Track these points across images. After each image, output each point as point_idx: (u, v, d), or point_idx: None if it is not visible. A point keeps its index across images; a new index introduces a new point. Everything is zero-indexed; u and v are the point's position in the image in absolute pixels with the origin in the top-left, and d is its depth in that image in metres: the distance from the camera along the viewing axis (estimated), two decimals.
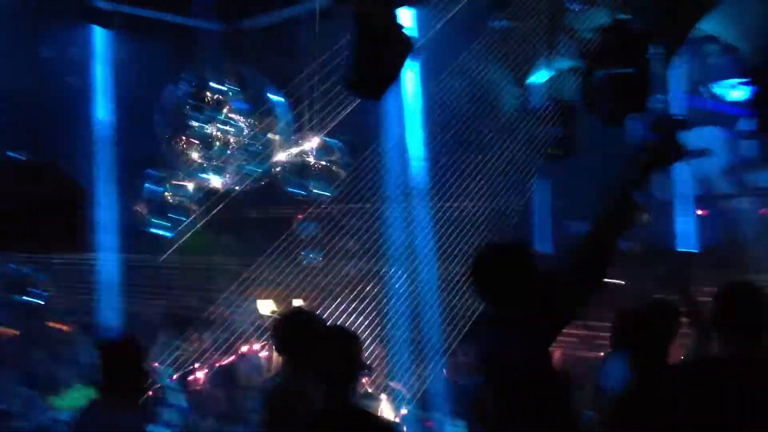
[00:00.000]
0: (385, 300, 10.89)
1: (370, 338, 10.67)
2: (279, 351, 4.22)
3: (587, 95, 5.38)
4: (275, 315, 7.94)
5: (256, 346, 10.71)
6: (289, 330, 4.15)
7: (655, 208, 11.18)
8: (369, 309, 11.37)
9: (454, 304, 10.27)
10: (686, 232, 11.20)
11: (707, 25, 9.03)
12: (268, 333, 4.16)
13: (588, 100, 5.37)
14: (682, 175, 11.29)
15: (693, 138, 10.06)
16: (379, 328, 11.00)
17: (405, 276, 11.24)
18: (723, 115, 10.46)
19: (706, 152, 10.95)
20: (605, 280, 3.34)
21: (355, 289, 12.09)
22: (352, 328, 4.52)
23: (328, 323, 4.44)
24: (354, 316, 11.40)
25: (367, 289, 11.77)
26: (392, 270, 10.79)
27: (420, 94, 10.99)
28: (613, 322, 4.57)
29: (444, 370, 9.74)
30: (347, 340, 3.73)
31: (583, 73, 5.39)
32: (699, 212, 11.02)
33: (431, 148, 10.88)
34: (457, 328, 10.70)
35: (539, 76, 9.82)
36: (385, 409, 8.43)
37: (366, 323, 11.13)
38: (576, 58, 5.54)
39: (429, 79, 10.99)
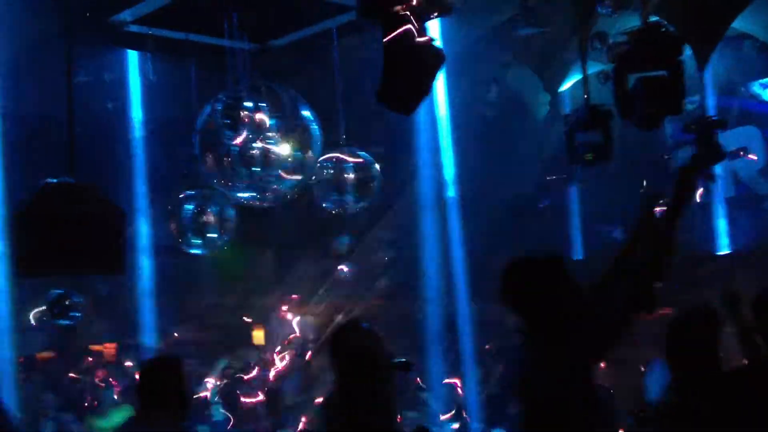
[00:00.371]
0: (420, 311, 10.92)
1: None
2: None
3: (621, 99, 5.32)
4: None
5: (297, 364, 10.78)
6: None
7: (693, 210, 11.07)
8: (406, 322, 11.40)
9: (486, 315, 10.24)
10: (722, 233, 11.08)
11: (741, 23, 8.94)
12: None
13: (622, 105, 5.31)
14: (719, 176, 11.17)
15: (731, 138, 9.98)
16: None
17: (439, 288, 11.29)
18: (760, 114, 10.33)
19: (744, 152, 10.81)
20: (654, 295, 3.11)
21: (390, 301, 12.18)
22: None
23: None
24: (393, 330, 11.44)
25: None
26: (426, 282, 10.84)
27: (449, 105, 11.04)
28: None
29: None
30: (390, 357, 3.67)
31: (615, 78, 5.33)
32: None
33: (463, 158, 10.90)
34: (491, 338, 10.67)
35: (571, 82, 9.80)
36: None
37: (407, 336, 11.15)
38: (608, 62, 5.48)
39: (458, 89, 11.01)
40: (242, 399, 10.09)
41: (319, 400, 4.50)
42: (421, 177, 10.69)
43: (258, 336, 12.70)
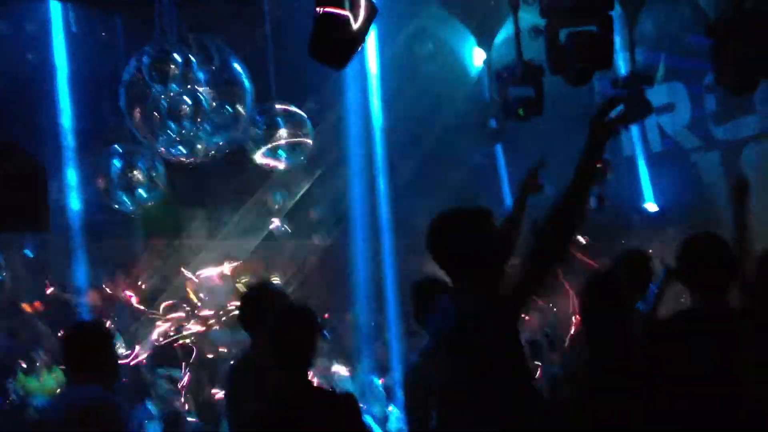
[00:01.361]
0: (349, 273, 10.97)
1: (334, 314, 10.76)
2: (243, 327, 4.20)
3: (552, 54, 5.36)
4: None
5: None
6: (249, 306, 4.19)
7: (619, 165, 11.30)
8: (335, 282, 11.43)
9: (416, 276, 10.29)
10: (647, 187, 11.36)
11: None
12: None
13: (553, 60, 5.35)
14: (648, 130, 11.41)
15: (658, 94, 10.19)
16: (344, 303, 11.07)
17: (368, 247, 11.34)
18: (687, 69, 10.53)
19: (671, 107, 11.06)
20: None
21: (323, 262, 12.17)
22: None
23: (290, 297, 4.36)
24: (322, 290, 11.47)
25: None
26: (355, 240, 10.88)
27: (380, 59, 10.96)
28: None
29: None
30: (303, 315, 3.70)
31: (547, 33, 5.36)
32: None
33: (391, 114, 10.88)
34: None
35: (504, 36, 9.81)
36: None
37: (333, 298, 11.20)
38: (540, 17, 5.51)
39: (388, 42, 10.95)
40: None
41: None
42: (350, 132, 10.66)
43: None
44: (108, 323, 5.74)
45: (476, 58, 10.81)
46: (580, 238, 11.83)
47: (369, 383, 8.50)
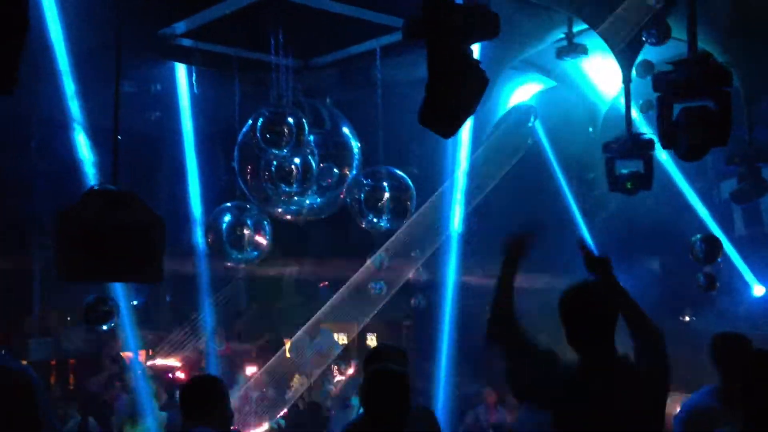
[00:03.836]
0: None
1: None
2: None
3: (664, 129, 5.27)
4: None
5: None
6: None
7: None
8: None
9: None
10: None
11: None
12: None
13: (665, 135, 5.26)
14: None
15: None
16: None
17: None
18: None
19: None
20: None
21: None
22: None
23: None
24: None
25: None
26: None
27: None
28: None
29: None
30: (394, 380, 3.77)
31: (660, 107, 5.29)
32: None
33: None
34: None
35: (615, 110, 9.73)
36: None
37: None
38: (653, 90, 5.44)
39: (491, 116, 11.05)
40: None
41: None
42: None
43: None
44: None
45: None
46: (686, 317, 11.51)
47: None
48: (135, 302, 11.88)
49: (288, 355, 11.84)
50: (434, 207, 11.17)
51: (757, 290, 10.85)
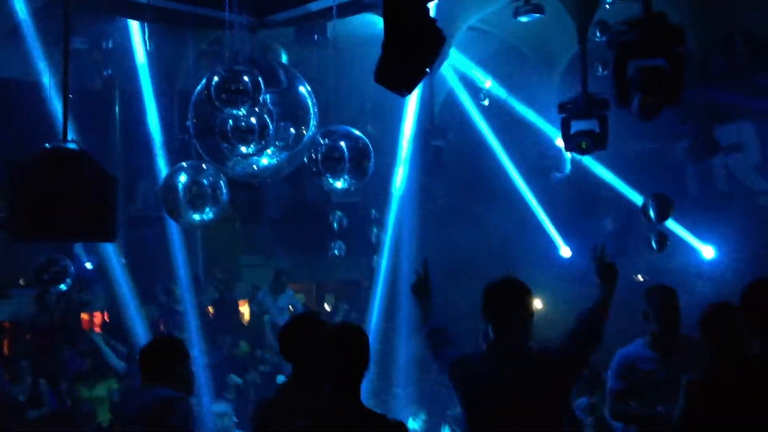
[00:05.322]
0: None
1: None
2: (286, 358, 4.24)
3: (619, 88, 5.32)
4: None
5: None
6: (291, 337, 4.23)
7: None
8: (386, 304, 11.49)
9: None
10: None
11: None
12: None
13: (620, 94, 5.31)
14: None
15: (726, 134, 10.01)
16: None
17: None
18: (757, 109, 10.34)
19: (739, 147, 10.85)
20: None
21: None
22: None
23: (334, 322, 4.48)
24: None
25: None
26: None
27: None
28: None
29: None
30: (353, 337, 3.73)
31: (615, 66, 5.33)
32: None
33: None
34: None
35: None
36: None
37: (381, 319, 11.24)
38: (608, 51, 5.48)
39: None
40: None
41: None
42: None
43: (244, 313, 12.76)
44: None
45: None
46: (639, 277, 11.74)
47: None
48: (89, 264, 11.76)
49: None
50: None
51: (707, 252, 11.05)
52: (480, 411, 3.99)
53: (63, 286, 8.19)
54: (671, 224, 9.75)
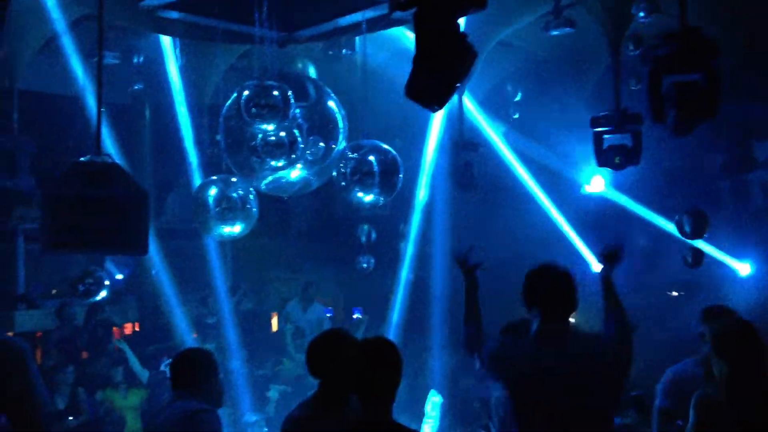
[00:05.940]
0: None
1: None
2: (313, 374, 4.19)
3: (653, 103, 5.25)
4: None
5: None
6: (319, 352, 4.17)
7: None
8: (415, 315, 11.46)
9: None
10: None
11: None
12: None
13: (654, 109, 5.24)
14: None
15: (764, 149, 9.84)
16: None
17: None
18: None
19: None
20: None
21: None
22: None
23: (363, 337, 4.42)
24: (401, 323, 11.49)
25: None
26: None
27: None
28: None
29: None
30: (383, 351, 3.69)
31: (649, 81, 5.26)
32: None
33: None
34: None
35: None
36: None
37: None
38: (642, 65, 5.41)
39: (481, 86, 10.98)
40: None
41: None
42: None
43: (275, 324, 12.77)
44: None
45: None
46: (674, 292, 11.58)
47: None
48: (120, 275, 11.86)
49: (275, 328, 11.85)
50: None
51: (743, 269, 10.86)
52: (529, 394, 4.02)
53: (97, 298, 8.27)
54: (705, 240, 9.60)
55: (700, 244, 9.08)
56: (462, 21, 4.65)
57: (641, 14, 7.33)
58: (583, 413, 3.91)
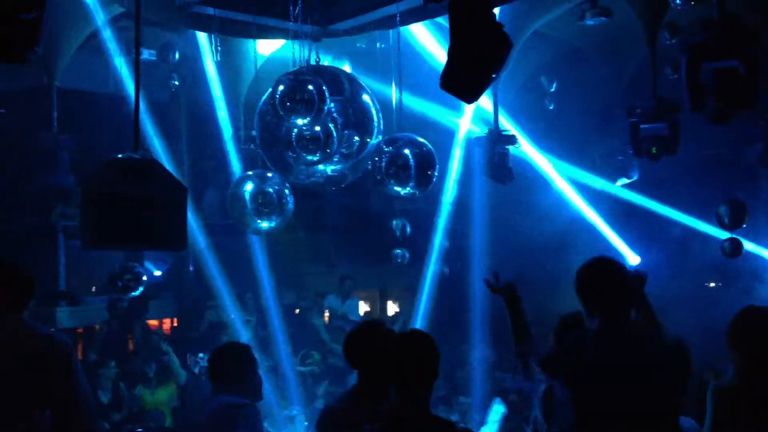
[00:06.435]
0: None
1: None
2: (352, 365, 4.21)
3: (692, 92, 5.18)
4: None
5: None
6: (358, 344, 4.20)
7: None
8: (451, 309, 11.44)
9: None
10: None
11: None
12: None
13: (693, 97, 5.17)
14: None
15: None
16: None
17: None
18: None
19: None
20: None
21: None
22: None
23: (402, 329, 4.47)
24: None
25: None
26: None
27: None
28: None
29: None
30: (420, 343, 3.71)
31: (687, 69, 5.18)
32: None
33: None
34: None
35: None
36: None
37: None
38: (680, 54, 5.34)
39: (517, 76, 10.91)
40: None
41: None
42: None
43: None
44: None
45: None
46: (712, 283, 11.43)
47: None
48: (158, 272, 12.00)
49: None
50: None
51: None
52: (594, 391, 3.95)
53: (135, 293, 8.37)
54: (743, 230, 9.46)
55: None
56: (497, 11, 4.63)
57: (678, 2, 7.22)
58: (647, 409, 3.84)
